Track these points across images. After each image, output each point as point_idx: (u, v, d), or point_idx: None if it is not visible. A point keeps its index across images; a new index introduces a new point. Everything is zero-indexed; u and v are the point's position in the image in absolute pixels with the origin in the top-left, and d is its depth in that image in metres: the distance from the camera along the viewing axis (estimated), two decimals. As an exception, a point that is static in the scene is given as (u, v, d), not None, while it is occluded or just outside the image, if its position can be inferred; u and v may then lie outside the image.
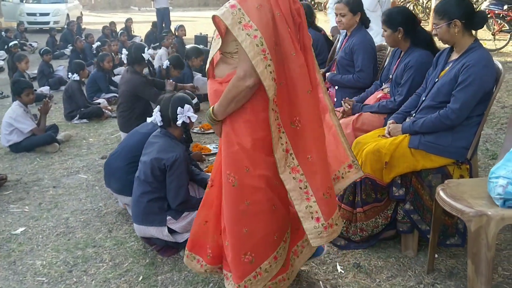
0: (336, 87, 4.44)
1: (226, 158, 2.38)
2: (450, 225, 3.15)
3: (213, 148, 5.43)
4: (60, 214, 3.97)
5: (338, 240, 3.35)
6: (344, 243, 3.34)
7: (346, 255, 3.25)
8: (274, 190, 2.43)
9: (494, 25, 11.80)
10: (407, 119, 3.33)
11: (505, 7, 11.54)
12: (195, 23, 20.85)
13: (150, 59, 5.56)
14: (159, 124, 3.41)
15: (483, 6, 12.76)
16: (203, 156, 4.98)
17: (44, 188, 4.50)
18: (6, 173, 4.80)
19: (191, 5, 35.81)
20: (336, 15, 4.37)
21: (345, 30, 4.52)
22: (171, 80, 6.11)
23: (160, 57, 9.96)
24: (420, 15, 18.22)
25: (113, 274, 3.11)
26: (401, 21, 3.68)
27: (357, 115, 3.79)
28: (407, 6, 17.16)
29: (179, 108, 3.31)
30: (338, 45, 4.74)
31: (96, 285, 3.00)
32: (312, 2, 25.25)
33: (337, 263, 3.16)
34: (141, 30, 16.75)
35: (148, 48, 5.37)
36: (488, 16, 12.21)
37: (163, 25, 15.20)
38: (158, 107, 3.43)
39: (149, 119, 3.52)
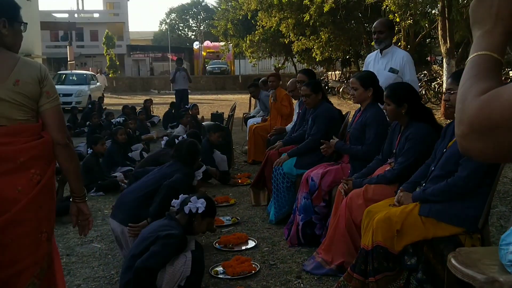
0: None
1: None
2: (463, 295, 3.11)
3: (226, 220, 5.46)
4: (72, 281, 3.98)
5: (350, 311, 3.32)
6: (356, 314, 3.30)
7: (359, 326, 3.19)
8: None
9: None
10: (417, 189, 3.38)
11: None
12: (212, 105, 21.46)
13: None
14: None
15: None
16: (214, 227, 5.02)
17: (57, 256, 4.53)
18: (21, 241, 4.85)
19: (209, 89, 37.02)
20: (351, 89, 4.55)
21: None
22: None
23: (178, 134, 10.26)
24: (433, 100, 18.60)
25: None
26: (407, 96, 3.81)
27: (366, 185, 3.85)
28: (419, 91, 17.57)
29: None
30: (350, 120, 4.86)
31: None
32: (326, 87, 26.02)
33: (349, 334, 3.10)
34: (159, 111, 17.28)
35: (166, 128, 5.65)
36: None
37: (181, 105, 15.63)
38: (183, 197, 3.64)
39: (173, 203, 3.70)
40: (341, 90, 23.64)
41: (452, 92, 3.23)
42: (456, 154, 3.15)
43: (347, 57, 28.93)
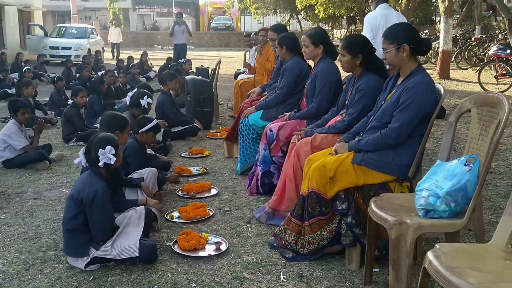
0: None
1: None
2: (391, 240, 3.26)
3: (195, 170, 5.63)
4: (32, 222, 4.17)
5: (286, 252, 3.49)
6: (292, 255, 3.47)
7: (292, 266, 3.37)
8: None
9: (498, 68, 11.94)
10: (356, 139, 3.49)
11: (508, 51, 11.69)
12: (213, 61, 21.35)
13: (147, 106, 5.93)
14: (84, 165, 3.52)
15: (491, 51, 12.95)
16: (179, 178, 5.16)
17: (25, 200, 4.73)
18: (-6, 186, 5.06)
19: (213, 45, 36.81)
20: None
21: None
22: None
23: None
24: (432, 59, 18.46)
25: (66, 274, 3.28)
26: (362, 48, 3.88)
27: (315, 134, 3.98)
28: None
29: (100, 150, 3.39)
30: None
31: (48, 282, 3.18)
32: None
33: (281, 273, 3.28)
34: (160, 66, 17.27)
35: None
36: (492, 59, 12.40)
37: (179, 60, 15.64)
38: (83, 149, 3.52)
39: (76, 160, 3.59)
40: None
41: (386, 51, 3.31)
42: (392, 106, 3.26)
43: (351, 14, 28.52)
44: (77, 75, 11.71)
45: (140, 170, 4.48)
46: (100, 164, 3.40)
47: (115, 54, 23.52)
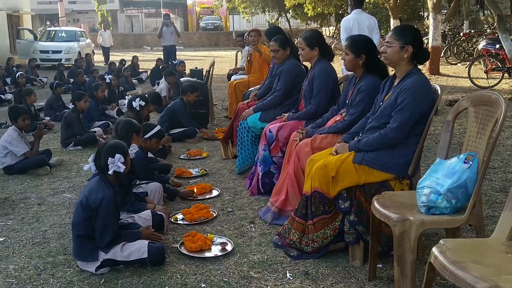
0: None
1: None
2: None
3: (195, 172, 5.71)
4: (39, 227, 4.24)
5: (291, 251, 3.58)
6: (296, 253, 3.56)
7: (298, 264, 3.47)
8: None
9: (487, 63, 12.09)
10: (355, 139, 3.59)
11: (497, 46, 11.85)
12: (204, 61, 21.44)
13: (138, 108, 6.08)
14: (93, 172, 3.57)
15: (480, 46, 13.13)
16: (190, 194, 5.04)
17: (29, 205, 4.79)
18: (-3, 192, 5.11)
19: (202, 45, 36.84)
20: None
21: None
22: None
23: (160, 90, 10.41)
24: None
25: (77, 277, 3.35)
26: (365, 48, 3.96)
27: (315, 135, 4.08)
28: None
29: (109, 158, 3.47)
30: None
31: (60, 286, 3.25)
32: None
33: (287, 271, 3.38)
34: (150, 68, 17.30)
35: (154, 84, 5.72)
36: (481, 54, 12.57)
37: (169, 61, 15.72)
38: (92, 156, 3.58)
39: (85, 167, 3.63)
40: (333, 46, 23.55)
41: (390, 45, 3.39)
42: (390, 107, 3.36)
43: (340, 12, 28.67)
44: (71, 80, 11.72)
45: (145, 185, 4.54)
46: (110, 172, 3.47)
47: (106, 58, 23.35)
